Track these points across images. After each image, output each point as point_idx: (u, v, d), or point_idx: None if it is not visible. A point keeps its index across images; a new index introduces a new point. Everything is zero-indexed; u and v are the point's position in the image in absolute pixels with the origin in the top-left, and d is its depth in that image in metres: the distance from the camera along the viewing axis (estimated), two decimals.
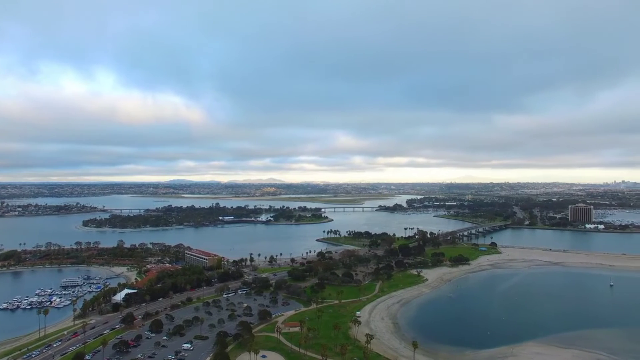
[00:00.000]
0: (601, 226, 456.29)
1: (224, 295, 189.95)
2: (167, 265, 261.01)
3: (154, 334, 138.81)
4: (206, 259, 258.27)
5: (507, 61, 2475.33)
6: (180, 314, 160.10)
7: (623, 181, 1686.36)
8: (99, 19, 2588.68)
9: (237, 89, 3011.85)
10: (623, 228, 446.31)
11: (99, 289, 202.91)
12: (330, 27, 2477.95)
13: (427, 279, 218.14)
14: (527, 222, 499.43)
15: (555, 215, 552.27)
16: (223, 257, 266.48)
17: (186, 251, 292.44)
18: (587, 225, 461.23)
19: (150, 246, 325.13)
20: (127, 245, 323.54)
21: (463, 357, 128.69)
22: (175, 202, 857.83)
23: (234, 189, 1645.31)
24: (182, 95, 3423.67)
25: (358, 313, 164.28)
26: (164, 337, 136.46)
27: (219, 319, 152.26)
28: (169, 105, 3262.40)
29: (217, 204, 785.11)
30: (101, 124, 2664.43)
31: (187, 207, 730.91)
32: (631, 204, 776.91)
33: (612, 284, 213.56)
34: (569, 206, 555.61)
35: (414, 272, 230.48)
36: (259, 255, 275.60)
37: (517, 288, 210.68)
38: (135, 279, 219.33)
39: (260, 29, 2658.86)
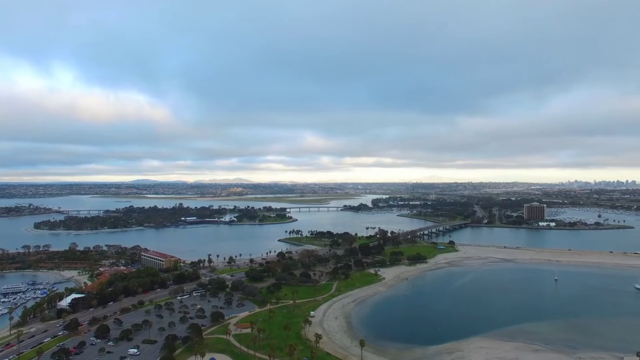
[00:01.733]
0: (553, 224, 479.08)
1: (178, 298, 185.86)
2: (122, 268, 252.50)
3: (99, 340, 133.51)
4: (162, 261, 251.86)
5: (469, 65, 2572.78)
6: (130, 318, 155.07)
7: (576, 181, 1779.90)
8: (58, 13, 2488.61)
9: (204, 87, 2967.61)
10: (572, 225, 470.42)
11: (44, 295, 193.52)
12: (298, 27, 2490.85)
13: (384, 278, 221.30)
14: (485, 221, 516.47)
15: (512, 214, 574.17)
16: (180, 259, 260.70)
17: (142, 253, 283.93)
18: (540, 223, 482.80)
19: (105, 248, 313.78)
20: (80, 248, 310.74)
21: (412, 354, 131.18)
22: (138, 203, 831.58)
23: (200, 189, 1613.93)
24: (146, 93, 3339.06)
25: (312, 313, 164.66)
26: (110, 343, 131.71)
27: (169, 322, 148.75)
28: (132, 103, 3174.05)
29: (181, 204, 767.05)
30: (60, 121, 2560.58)
31: (149, 207, 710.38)
32: (581, 202, 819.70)
33: (556, 278, 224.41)
34: (525, 205, 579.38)
35: (371, 271, 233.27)
36: (218, 256, 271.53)
37: (470, 285, 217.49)
38: (85, 282, 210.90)
39: (228, 27, 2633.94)
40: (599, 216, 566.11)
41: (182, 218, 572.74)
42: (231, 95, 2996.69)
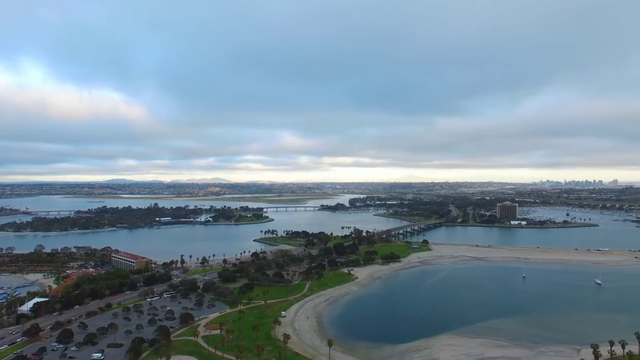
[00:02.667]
0: (524, 222, 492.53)
1: (148, 300, 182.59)
2: (91, 270, 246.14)
3: (61, 345, 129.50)
4: (133, 262, 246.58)
5: (444, 67, 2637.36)
6: (96, 322, 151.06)
7: (547, 180, 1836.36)
8: (26, 7, 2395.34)
9: (180, 86, 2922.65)
10: (541, 224, 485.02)
11: (3, 300, 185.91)
12: (276, 27, 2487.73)
13: (357, 277, 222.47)
14: (460, 220, 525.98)
15: (485, 213, 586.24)
16: (151, 260, 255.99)
17: (113, 254, 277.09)
18: (512, 222, 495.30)
19: (74, 250, 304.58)
20: (48, 250, 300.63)
21: (381, 353, 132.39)
22: (112, 203, 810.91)
23: (177, 188, 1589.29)
24: (121, 91, 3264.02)
25: (284, 313, 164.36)
26: (73, 348, 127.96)
27: (137, 325, 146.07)
28: (106, 102, 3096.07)
29: (156, 204, 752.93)
30: (30, 118, 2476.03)
31: (123, 208, 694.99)
32: (551, 202, 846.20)
33: (524, 275, 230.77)
34: (497, 204, 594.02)
35: (345, 270, 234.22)
36: (191, 257, 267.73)
37: (441, 283, 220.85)
38: (49, 286, 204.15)
39: (204, 25, 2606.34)
40: (567, 215, 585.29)
41: (157, 218, 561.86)
42: (208, 94, 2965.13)
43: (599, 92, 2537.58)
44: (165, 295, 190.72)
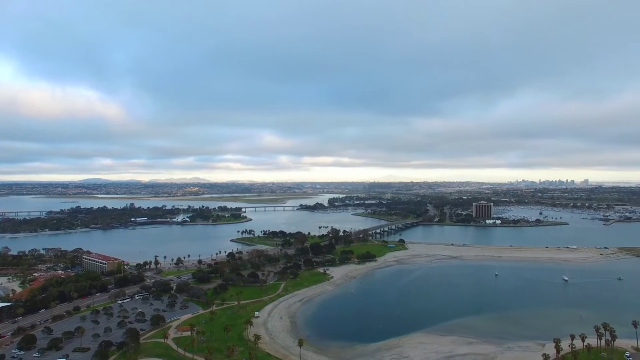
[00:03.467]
0: (498, 221, 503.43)
1: (119, 302, 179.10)
2: (59, 272, 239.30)
3: (22, 352, 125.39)
4: (105, 264, 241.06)
5: (421, 69, 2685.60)
6: (62, 326, 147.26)
7: (523, 180, 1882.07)
8: None
9: (158, 85, 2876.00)
10: (515, 222, 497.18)
11: None
12: (254, 26, 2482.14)
13: (332, 277, 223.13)
14: (436, 219, 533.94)
15: (462, 212, 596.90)
16: (124, 261, 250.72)
17: (84, 256, 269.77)
18: (487, 221, 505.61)
19: (43, 252, 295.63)
20: (15, 252, 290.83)
21: (352, 352, 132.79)
22: (86, 203, 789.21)
23: (155, 188, 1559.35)
24: (96, 89, 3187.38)
25: (257, 313, 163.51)
26: (35, 354, 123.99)
27: (106, 328, 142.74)
28: (81, 99, 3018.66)
29: (132, 204, 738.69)
30: None
31: (98, 208, 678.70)
32: (526, 201, 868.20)
33: (497, 273, 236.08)
34: (473, 203, 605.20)
35: (320, 270, 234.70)
36: (165, 257, 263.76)
37: (415, 282, 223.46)
38: (13, 290, 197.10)
39: (181, 23, 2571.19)
40: (540, 214, 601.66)
41: (132, 219, 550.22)
42: (187, 93, 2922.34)
43: (570, 96, 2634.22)
44: (137, 297, 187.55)
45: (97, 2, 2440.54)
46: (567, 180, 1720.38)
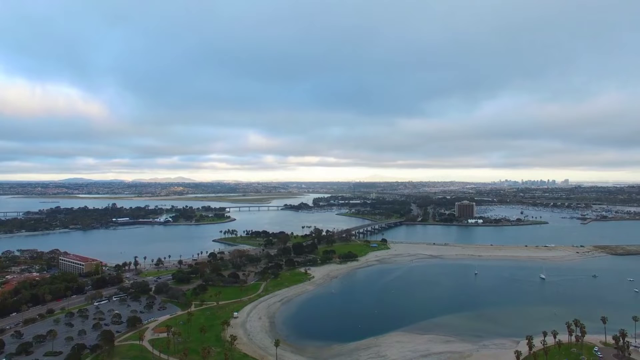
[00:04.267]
0: (480, 221, 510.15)
1: (95, 303, 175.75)
2: (35, 274, 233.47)
3: None
4: (82, 265, 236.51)
5: (406, 69, 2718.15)
6: (34, 329, 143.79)
7: (506, 180, 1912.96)
8: None
9: (142, 83, 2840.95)
10: (497, 222, 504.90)
11: None
12: (239, 26, 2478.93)
13: (313, 277, 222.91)
14: (420, 219, 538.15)
15: (445, 212, 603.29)
16: (102, 262, 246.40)
17: (61, 257, 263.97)
18: (470, 220, 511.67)
19: (17, 254, 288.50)
20: None
21: (330, 351, 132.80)
22: (67, 203, 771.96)
23: (138, 188, 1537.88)
24: (78, 87, 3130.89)
25: (236, 314, 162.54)
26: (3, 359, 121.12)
27: (80, 331, 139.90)
28: (62, 97, 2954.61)
29: (114, 204, 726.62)
30: None
31: (79, 208, 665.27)
32: (508, 200, 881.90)
33: (476, 272, 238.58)
34: (456, 203, 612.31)
35: (302, 270, 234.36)
36: (145, 258, 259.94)
37: (396, 281, 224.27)
38: None
39: (165, 22, 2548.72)
40: (522, 213, 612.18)
41: (114, 219, 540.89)
42: (171, 92, 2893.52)
43: (549, 97, 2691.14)
44: (115, 299, 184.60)
45: (76, 1, 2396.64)
46: (548, 180, 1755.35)
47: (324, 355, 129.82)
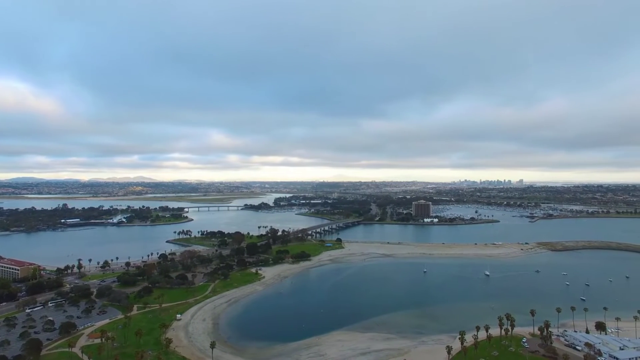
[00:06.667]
0: (436, 220, 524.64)
1: (27, 310, 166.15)
2: None
3: None
4: (18, 269, 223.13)
5: (366, 71, 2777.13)
6: None
7: (465, 180, 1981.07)
8: None
9: (98, 80, 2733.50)
10: (451, 221, 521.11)
11: None
12: (198, 24, 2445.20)
13: (264, 277, 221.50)
14: (377, 218, 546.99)
15: (403, 211, 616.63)
16: (41, 266, 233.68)
17: None
18: (426, 219, 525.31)
19: None
20: None
21: (271, 351, 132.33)
22: (12, 204, 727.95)
23: (95, 188, 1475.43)
24: (29, 82, 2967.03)
25: (179, 316, 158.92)
26: None
27: (3, 341, 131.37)
28: (10, 92, 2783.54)
29: (65, 204, 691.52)
30: None
31: (25, 209, 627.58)
32: (465, 200, 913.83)
33: (425, 270, 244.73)
34: (413, 202, 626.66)
35: (253, 270, 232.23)
36: (90, 260, 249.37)
37: (346, 280, 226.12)
38: None
39: (121, 19, 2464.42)
40: (476, 212, 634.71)
41: (63, 220, 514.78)
42: (130, 89, 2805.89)
43: (503, 102, 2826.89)
44: (51, 304, 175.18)
45: None
46: (504, 180, 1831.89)
47: (265, 356, 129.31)
